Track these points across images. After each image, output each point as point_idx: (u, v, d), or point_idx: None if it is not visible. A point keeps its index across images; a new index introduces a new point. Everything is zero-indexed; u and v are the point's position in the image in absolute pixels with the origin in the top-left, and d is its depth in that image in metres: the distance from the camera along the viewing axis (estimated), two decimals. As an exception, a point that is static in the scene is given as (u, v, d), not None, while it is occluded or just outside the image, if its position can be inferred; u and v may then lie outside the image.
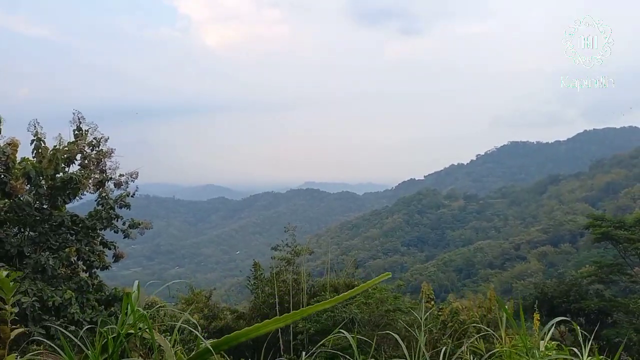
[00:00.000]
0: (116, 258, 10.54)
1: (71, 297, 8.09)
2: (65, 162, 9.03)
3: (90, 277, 9.59)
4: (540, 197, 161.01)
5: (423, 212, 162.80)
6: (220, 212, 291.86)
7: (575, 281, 17.59)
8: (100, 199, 9.63)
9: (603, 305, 15.34)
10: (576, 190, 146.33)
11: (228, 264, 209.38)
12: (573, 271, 73.04)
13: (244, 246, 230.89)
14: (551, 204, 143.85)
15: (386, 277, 2.27)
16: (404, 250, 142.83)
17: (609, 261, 18.99)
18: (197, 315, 22.10)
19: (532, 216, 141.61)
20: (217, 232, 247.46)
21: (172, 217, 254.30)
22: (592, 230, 17.54)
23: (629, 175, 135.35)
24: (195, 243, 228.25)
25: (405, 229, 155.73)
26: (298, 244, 19.36)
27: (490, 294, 16.83)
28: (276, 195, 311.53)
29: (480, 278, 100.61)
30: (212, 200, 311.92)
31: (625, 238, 15.99)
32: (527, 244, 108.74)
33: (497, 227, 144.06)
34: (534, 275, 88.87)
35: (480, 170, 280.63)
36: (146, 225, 10.51)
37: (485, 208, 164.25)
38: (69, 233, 9.29)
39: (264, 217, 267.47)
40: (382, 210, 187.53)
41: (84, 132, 9.46)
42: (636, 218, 16.66)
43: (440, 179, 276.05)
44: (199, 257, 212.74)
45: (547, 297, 15.78)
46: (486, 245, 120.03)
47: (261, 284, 21.36)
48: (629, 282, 17.59)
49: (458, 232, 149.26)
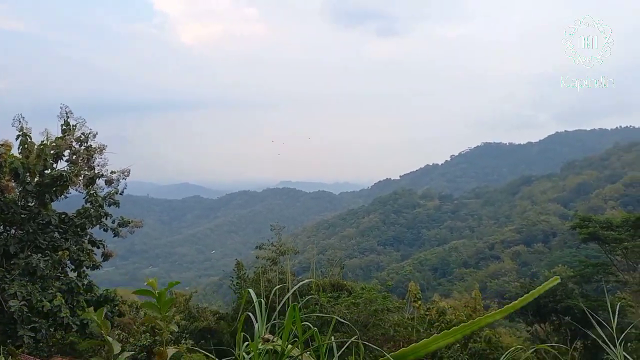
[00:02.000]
0: (105, 257, 10.24)
1: (60, 304, 7.80)
2: (53, 158, 8.70)
3: (79, 276, 9.29)
4: (513, 197, 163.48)
5: (399, 212, 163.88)
6: (195, 211, 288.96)
7: (561, 281, 17.80)
8: (89, 197, 9.31)
9: (589, 304, 15.57)
10: (548, 191, 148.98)
11: (203, 263, 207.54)
12: (546, 271, 74.49)
13: (219, 245, 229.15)
14: (524, 204, 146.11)
15: (555, 283, 2.07)
16: (380, 249, 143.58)
17: (595, 261, 19.31)
18: (177, 316, 21.76)
19: (505, 216, 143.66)
20: (192, 231, 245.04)
21: (146, 216, 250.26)
22: (579, 230, 17.77)
23: (600, 176, 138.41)
24: (170, 242, 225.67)
25: (382, 228, 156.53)
26: (283, 244, 19.17)
27: (476, 294, 16.95)
28: (252, 194, 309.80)
29: (455, 277, 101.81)
30: (187, 199, 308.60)
31: (612, 238, 16.24)
32: (500, 243, 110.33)
33: (471, 227, 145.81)
34: (508, 274, 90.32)
35: (454, 170, 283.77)
36: (136, 223, 10.24)
37: (460, 208, 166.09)
38: (57, 232, 8.96)
39: (240, 216, 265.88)
40: (359, 209, 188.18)
41: (72, 127, 9.13)
42: (623, 218, 16.96)
43: (415, 179, 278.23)
44: (174, 256, 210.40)
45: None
46: (461, 245, 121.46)
47: (245, 284, 21.10)
48: (614, 282, 17.93)
49: (433, 231, 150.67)
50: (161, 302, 2.72)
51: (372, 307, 14.99)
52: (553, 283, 2.10)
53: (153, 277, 9.69)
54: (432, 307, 16.69)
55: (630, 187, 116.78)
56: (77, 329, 8.09)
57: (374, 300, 15.15)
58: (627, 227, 16.40)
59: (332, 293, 16.66)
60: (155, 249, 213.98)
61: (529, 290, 9.95)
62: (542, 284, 10.30)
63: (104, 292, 9.49)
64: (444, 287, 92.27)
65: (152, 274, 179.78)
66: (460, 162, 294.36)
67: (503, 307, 2.10)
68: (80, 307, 8.86)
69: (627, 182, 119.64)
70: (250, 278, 21.38)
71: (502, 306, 10.88)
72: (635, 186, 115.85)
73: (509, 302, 11.06)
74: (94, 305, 9.35)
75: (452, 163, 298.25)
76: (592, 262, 19.11)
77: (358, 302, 15.25)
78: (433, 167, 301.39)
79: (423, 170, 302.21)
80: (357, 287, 18.48)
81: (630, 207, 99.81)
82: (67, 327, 8.05)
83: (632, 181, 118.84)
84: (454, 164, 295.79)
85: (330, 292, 17.10)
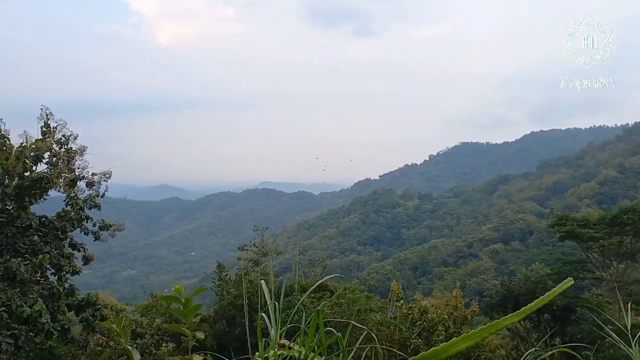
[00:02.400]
0: (86, 260, 10.07)
1: (41, 310, 7.64)
2: (33, 161, 8.52)
3: (60, 280, 9.12)
4: (491, 196, 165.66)
5: (379, 212, 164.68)
6: (173, 213, 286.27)
7: (541, 278, 18.11)
8: (69, 199, 9.14)
9: (567, 301, 15.85)
10: (525, 190, 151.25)
11: (182, 265, 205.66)
12: (524, 268, 75.69)
13: (198, 247, 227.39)
14: (501, 203, 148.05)
15: (569, 284, 1.98)
16: (361, 249, 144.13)
17: (572, 259, 19.66)
18: (158, 319, 21.51)
19: (483, 215, 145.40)
20: (170, 233, 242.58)
21: (124, 218, 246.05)
22: (557, 228, 18.06)
23: (575, 175, 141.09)
24: (148, 244, 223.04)
25: (362, 228, 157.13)
26: (266, 244, 19.11)
27: (457, 292, 17.10)
28: (232, 195, 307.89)
29: (434, 276, 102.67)
30: (166, 201, 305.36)
31: (589, 236, 16.56)
32: (479, 242, 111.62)
33: (450, 226, 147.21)
34: (486, 272, 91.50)
35: (433, 170, 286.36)
36: (118, 227, 10.09)
37: (439, 207, 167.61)
38: (37, 235, 8.78)
39: (219, 218, 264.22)
40: (339, 209, 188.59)
41: (52, 129, 8.97)
42: (600, 217, 17.28)
43: (395, 179, 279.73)
44: (152, 259, 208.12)
45: (513, 294, 16.18)
46: (440, 244, 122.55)
47: (226, 285, 20.97)
48: (591, 278, 18.30)
49: (413, 231, 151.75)
50: (188, 309, 2.65)
51: (355, 307, 15.03)
52: (567, 285, 2.04)
53: (128, 279, 9.37)
54: (414, 306, 16.79)
55: (605, 185, 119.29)
56: (58, 334, 7.94)
57: (357, 300, 15.20)
58: (604, 226, 16.73)
59: (314, 294, 16.66)
60: (133, 252, 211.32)
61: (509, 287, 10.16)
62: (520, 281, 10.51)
63: (86, 297, 9.32)
64: (424, 286, 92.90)
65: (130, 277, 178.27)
66: (439, 161, 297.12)
67: (520, 310, 2.02)
68: (61, 311, 8.69)
69: (602, 181, 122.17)
70: (232, 280, 21.26)
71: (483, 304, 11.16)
72: (609, 184, 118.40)
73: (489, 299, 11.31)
74: (75, 309, 9.18)
75: (430, 163, 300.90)
76: (570, 260, 19.44)
77: (341, 302, 15.28)
78: (412, 167, 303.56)
79: (402, 170, 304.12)
80: (339, 287, 18.52)
81: (604, 205, 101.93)
82: (48, 333, 7.90)
83: (606, 179, 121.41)
84: (432, 163, 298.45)
85: (313, 292, 17.12)
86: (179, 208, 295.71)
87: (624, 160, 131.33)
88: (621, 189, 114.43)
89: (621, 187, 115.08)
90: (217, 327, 19.57)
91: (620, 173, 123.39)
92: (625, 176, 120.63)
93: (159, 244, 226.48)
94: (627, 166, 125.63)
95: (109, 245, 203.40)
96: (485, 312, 16.27)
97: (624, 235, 16.63)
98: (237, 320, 19.76)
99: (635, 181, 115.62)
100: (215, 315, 21.63)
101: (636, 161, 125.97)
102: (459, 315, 17.20)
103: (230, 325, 19.74)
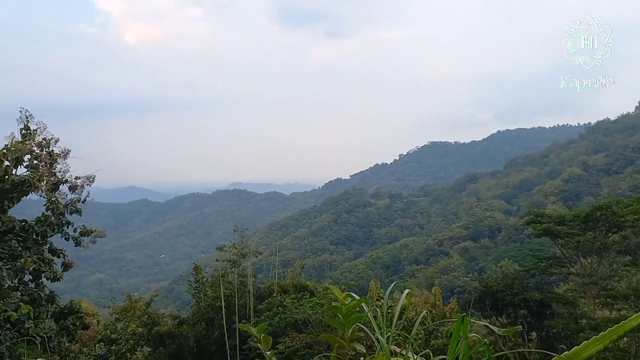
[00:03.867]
0: (65, 267, 9.84)
1: (29, 312, 7.44)
2: (13, 163, 8.28)
3: (38, 287, 8.89)
4: (460, 194, 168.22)
5: (350, 211, 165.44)
6: (143, 215, 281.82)
7: (518, 274, 18.55)
8: (49, 204, 8.91)
9: (543, 296, 16.28)
10: (492, 188, 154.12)
11: (152, 268, 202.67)
12: (493, 265, 77.20)
13: (168, 249, 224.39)
14: (470, 201, 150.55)
15: None
16: (333, 248, 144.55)
17: (547, 255, 20.21)
18: (133, 323, 21.15)
19: (452, 213, 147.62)
20: (139, 236, 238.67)
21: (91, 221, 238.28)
22: (533, 226, 18.53)
23: (541, 173, 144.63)
24: (117, 247, 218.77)
25: (334, 227, 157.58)
26: (245, 245, 18.99)
27: (436, 290, 17.32)
28: (202, 196, 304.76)
29: (406, 274, 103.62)
30: (135, 203, 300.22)
31: (565, 233, 17.08)
32: (449, 239, 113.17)
33: (420, 224, 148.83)
34: (457, 269, 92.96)
35: (403, 169, 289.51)
36: (99, 233, 9.89)
37: (409, 206, 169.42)
38: (15, 240, 8.53)
39: (189, 219, 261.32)
40: (311, 209, 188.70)
41: (32, 132, 8.72)
42: (575, 214, 17.82)
43: (365, 179, 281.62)
44: (121, 262, 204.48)
45: (491, 290, 16.52)
46: (411, 242, 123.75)
47: (203, 287, 20.74)
48: (566, 274, 18.85)
49: (384, 229, 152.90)
50: (347, 320, 2.48)
51: (337, 306, 15.06)
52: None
53: (97, 283, 9.21)
54: (393, 304, 16.91)
55: (569, 182, 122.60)
56: (40, 341, 7.75)
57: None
58: (578, 222, 17.28)
59: (295, 294, 16.65)
60: (101, 255, 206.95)
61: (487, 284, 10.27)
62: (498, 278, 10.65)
63: (69, 304, 9.11)
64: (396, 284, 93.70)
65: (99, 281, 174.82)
66: (409, 160, 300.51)
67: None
68: (42, 318, 8.48)
69: (566, 178, 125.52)
70: (209, 281, 21.04)
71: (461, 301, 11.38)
72: (574, 182, 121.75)
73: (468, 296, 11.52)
74: (56, 317, 8.96)
75: (400, 162, 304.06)
76: (545, 256, 20.00)
77: (323, 302, 15.28)
78: (382, 166, 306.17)
79: (373, 169, 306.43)
80: (319, 287, 18.53)
81: (569, 202, 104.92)
82: (31, 340, 7.69)
83: (571, 177, 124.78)
84: (402, 162, 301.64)
85: (293, 293, 17.10)
86: (148, 210, 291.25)
87: (588, 158, 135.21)
88: (585, 186, 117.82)
89: (585, 184, 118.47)
90: (197, 329, 19.38)
91: (584, 170, 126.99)
92: (589, 173, 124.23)
93: (128, 246, 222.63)
94: (591, 164, 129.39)
95: (76, 249, 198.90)
96: (463, 309, 16.55)
97: (597, 232, 17.24)
98: (215, 322, 19.59)
99: (598, 178, 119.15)
100: (194, 317, 21.39)
101: (599, 159, 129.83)
102: (437, 312, 17.43)
103: (209, 327, 19.57)
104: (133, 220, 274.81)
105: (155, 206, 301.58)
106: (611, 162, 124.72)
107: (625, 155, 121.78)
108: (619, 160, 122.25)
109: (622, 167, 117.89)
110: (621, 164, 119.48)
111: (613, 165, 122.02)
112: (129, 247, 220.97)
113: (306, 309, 15.63)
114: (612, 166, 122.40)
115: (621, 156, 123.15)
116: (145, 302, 21.19)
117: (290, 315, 15.92)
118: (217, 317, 19.27)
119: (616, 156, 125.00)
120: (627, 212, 16.39)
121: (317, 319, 15.53)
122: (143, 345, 21.18)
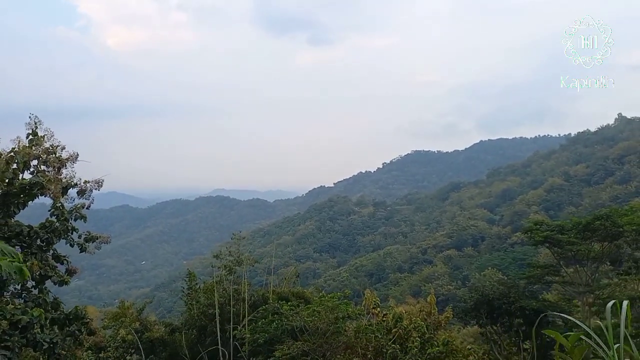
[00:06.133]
0: (69, 273, 9.71)
1: (40, 314, 7.31)
2: (21, 167, 8.16)
3: (41, 292, 8.75)
4: (443, 203, 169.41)
5: (334, 219, 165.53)
6: (124, 221, 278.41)
7: (514, 282, 18.74)
8: (54, 209, 8.79)
9: (539, 304, 16.46)
10: (475, 197, 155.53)
11: (133, 275, 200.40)
12: (477, 273, 77.72)
13: (150, 256, 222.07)
14: (453, 209, 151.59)
15: None
16: (317, 256, 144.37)
17: (542, 263, 20.45)
18: (123, 330, 20.85)
19: (436, 222, 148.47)
20: (120, 242, 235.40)
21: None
22: (533, 234, 18.70)
23: (523, 182, 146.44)
24: (97, 254, 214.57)
25: (318, 235, 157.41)
26: (242, 253, 18.93)
27: (431, 299, 17.42)
28: (184, 203, 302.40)
29: (390, 282, 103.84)
30: (115, 209, 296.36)
31: (566, 241, 17.31)
32: (433, 248, 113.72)
33: (404, 233, 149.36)
34: (441, 277, 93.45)
35: (386, 178, 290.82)
36: (104, 239, 9.79)
37: (393, 214, 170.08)
38: (20, 245, 8.40)
39: (171, 226, 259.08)
40: (294, 217, 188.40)
41: (39, 138, 8.60)
42: (574, 223, 18.07)
43: (349, 187, 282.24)
44: (101, 268, 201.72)
45: (487, 298, 16.64)
46: (395, 250, 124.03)
47: (196, 294, 20.58)
48: (561, 282, 19.10)
49: (368, 237, 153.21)
50: None
51: (333, 314, 15.06)
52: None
53: (76, 290, 9.15)
54: (388, 313, 16.99)
55: (551, 192, 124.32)
56: (47, 347, 7.63)
57: (336, 308, 15.22)
58: (577, 231, 17.55)
59: (292, 302, 16.61)
60: (80, 261, 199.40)
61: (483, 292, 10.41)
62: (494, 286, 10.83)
63: (74, 310, 8.99)
64: (379, 292, 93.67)
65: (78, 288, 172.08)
66: (392, 169, 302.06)
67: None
68: (46, 324, 8.34)
69: (548, 188, 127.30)
70: (202, 288, 20.87)
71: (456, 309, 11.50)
72: (556, 191, 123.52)
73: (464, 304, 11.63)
74: (61, 323, 8.82)
75: (383, 170, 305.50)
76: (541, 264, 20.25)
77: (320, 310, 15.28)
78: (366, 175, 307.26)
79: (356, 177, 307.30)
80: (314, 295, 18.54)
81: (551, 211, 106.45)
82: (37, 345, 7.57)
83: (553, 187, 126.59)
84: (385, 171, 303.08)
85: (290, 300, 17.07)
86: (129, 216, 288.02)
87: (569, 168, 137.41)
88: (567, 195, 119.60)
89: (567, 194, 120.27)
90: (188, 337, 19.19)
91: (566, 181, 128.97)
92: (570, 184, 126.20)
93: (109, 252, 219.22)
94: (572, 174, 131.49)
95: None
96: (459, 318, 16.69)
97: (594, 241, 17.53)
98: (208, 329, 19.44)
99: (579, 188, 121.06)
100: (186, 324, 21.17)
101: (580, 169, 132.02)
102: (432, 321, 17.53)
103: (201, 335, 19.42)
104: (114, 227, 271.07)
105: (137, 212, 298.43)
106: (592, 173, 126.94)
107: (606, 166, 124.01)
108: (599, 171, 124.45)
109: (603, 177, 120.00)
110: (602, 175, 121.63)
111: (594, 176, 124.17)
112: (109, 254, 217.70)
113: (304, 316, 15.62)
114: (592, 177, 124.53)
115: (602, 167, 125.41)
116: (138, 309, 20.95)
117: (287, 322, 15.90)
118: (210, 324, 19.13)
119: (597, 167, 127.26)
120: (625, 222, 16.72)
121: (314, 326, 15.54)
122: (132, 353, 20.89)
